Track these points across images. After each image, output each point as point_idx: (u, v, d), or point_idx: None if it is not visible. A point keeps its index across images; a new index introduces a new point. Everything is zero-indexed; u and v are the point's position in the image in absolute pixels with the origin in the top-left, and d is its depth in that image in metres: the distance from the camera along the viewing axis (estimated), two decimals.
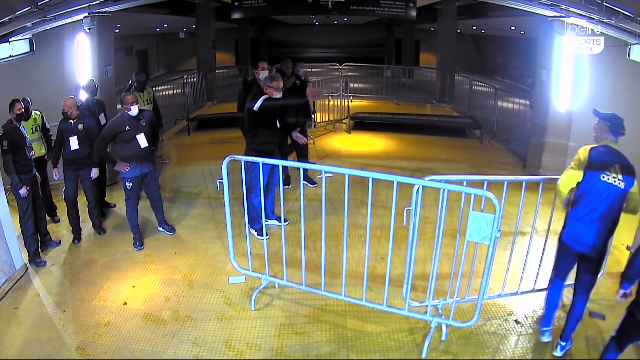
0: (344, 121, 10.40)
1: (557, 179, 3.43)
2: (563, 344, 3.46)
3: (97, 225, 5.43)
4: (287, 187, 6.28)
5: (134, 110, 4.91)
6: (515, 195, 3.77)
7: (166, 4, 12.59)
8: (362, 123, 10.35)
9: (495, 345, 3.59)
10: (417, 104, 13.19)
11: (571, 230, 3.31)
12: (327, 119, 10.14)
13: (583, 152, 3.27)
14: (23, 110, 4.72)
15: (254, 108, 4.82)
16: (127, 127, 4.88)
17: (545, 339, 3.59)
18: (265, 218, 4.94)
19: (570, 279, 3.52)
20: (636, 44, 4.82)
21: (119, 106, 7.05)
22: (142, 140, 4.97)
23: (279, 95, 4.95)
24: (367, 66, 16.45)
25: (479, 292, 3.32)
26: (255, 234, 5.05)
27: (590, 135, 3.42)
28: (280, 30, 24.44)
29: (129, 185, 5.01)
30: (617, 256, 4.62)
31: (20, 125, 4.70)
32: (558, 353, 3.45)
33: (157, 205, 5.39)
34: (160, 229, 5.49)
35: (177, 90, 11.52)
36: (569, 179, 3.30)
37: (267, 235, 4.78)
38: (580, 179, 3.24)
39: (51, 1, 4.95)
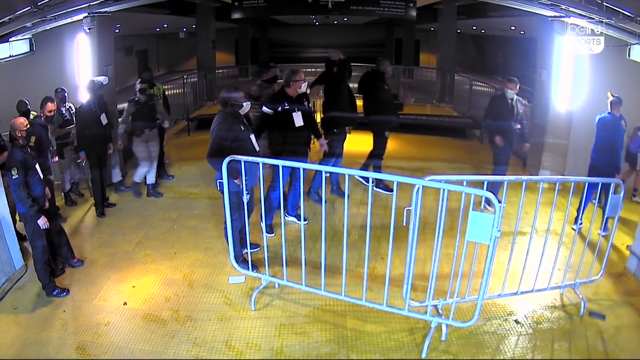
0: None
1: (557, 179, 3.43)
2: None
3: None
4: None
5: (247, 105, 4.11)
6: (515, 195, 3.78)
7: (166, 4, 12.59)
8: (362, 123, 10.31)
9: (495, 345, 3.59)
10: (417, 104, 13.15)
11: None
12: None
13: None
14: (54, 110, 4.51)
15: (265, 111, 4.83)
16: (242, 127, 4.14)
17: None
18: (286, 214, 4.87)
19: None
20: (636, 44, 4.82)
21: (120, 105, 7.06)
22: (255, 142, 4.14)
23: (305, 86, 4.88)
24: (367, 66, 16.42)
25: (479, 292, 3.32)
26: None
27: (589, 136, 3.42)
28: (280, 30, 24.40)
29: (246, 198, 3.91)
30: (618, 256, 4.62)
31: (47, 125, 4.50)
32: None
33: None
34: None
35: (177, 90, 11.52)
36: None
37: (273, 233, 4.82)
38: None
39: (51, 1, 4.96)
